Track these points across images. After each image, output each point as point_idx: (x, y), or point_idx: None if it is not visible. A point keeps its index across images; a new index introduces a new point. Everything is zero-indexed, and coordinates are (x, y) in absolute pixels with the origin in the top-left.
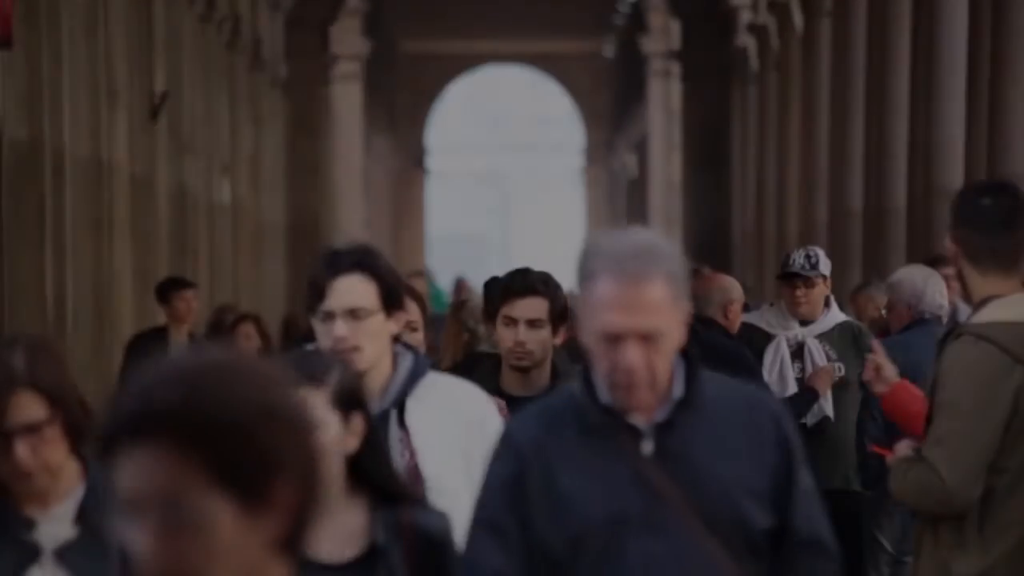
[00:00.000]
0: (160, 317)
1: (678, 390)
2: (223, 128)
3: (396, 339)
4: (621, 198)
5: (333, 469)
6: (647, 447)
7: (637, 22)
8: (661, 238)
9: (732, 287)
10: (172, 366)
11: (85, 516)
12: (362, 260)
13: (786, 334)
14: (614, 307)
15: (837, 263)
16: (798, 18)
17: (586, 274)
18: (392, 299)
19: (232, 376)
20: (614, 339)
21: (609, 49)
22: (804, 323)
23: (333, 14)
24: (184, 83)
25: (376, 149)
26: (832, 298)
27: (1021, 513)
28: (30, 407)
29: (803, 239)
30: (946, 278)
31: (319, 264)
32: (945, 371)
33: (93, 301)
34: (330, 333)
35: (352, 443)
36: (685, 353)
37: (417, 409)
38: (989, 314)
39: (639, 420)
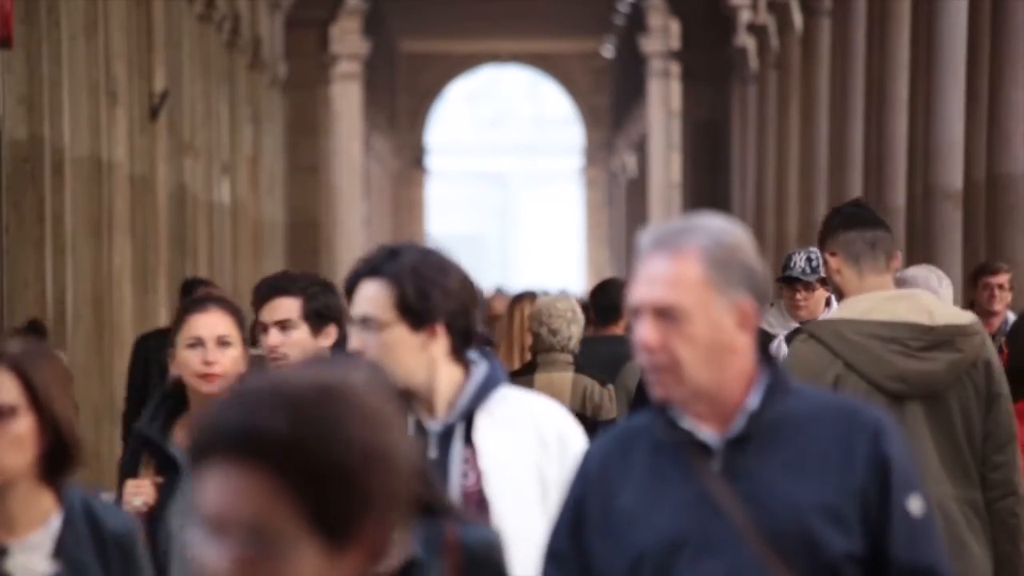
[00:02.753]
0: (160, 317)
1: (754, 402)
2: (223, 128)
3: (477, 345)
4: (621, 198)
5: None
6: (716, 464)
7: (637, 22)
8: (717, 222)
9: None
10: (281, 385)
11: (63, 551)
12: (383, 264)
13: (786, 334)
14: (639, 280)
15: None
16: (798, 18)
17: (635, 260)
18: (416, 309)
19: (342, 410)
20: (635, 314)
21: (609, 49)
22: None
23: (333, 14)
24: (184, 83)
25: (376, 149)
26: (833, 298)
27: None
28: (2, 387)
29: (802, 239)
30: (992, 287)
31: (353, 268)
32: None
33: (93, 301)
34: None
35: None
36: (769, 364)
37: (487, 425)
38: (833, 312)
39: (710, 435)
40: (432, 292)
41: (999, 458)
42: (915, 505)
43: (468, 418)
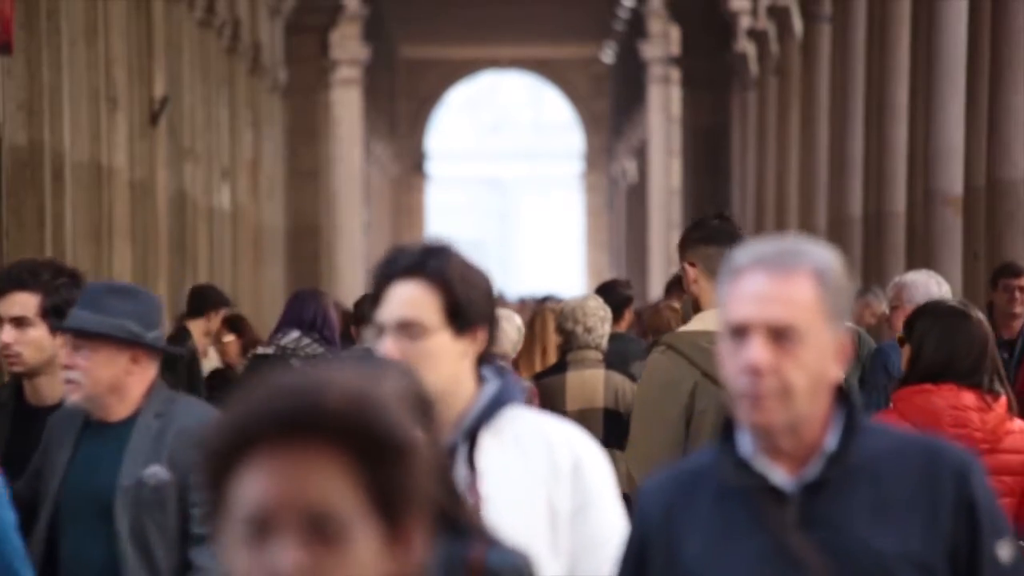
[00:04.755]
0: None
1: (832, 443)
2: (223, 133)
3: (486, 360)
4: (621, 204)
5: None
6: (792, 512)
7: (637, 28)
8: (821, 247)
9: None
10: (331, 375)
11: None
12: (426, 263)
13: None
14: (745, 297)
15: None
16: (798, 24)
17: (727, 278)
18: (463, 313)
19: (393, 400)
20: (741, 333)
21: (609, 55)
22: None
23: (333, 19)
24: (184, 88)
25: (376, 154)
26: None
27: None
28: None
29: None
30: (1013, 289)
31: (379, 266)
32: (639, 378)
33: None
34: (381, 349)
35: None
36: (845, 401)
37: (493, 446)
38: (691, 324)
39: (783, 479)
40: (477, 296)
41: None
42: (1004, 552)
43: (473, 438)
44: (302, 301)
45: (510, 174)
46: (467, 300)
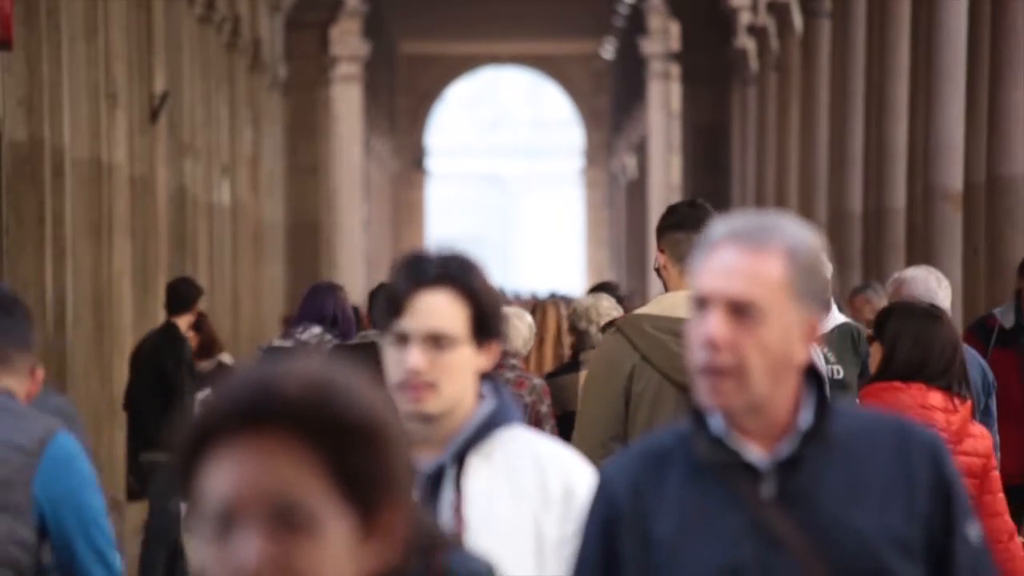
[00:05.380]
0: (160, 319)
1: (806, 420)
2: (223, 129)
3: (488, 376)
4: (621, 200)
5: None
6: (767, 489)
7: (637, 24)
8: (797, 225)
9: None
10: (290, 366)
11: None
12: (455, 273)
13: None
14: (711, 270)
15: (836, 265)
16: (798, 19)
17: (700, 250)
18: (486, 326)
19: (356, 384)
20: (702, 305)
21: (609, 51)
22: None
23: (333, 16)
24: (184, 84)
25: (376, 151)
26: (832, 300)
27: None
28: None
29: None
30: None
31: (400, 271)
32: (592, 357)
33: (93, 302)
34: (402, 362)
35: None
36: (816, 379)
37: (482, 469)
38: (646, 307)
39: (758, 456)
40: (497, 309)
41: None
42: (974, 531)
43: (461, 459)
44: (320, 295)
45: (510, 170)
46: (491, 313)
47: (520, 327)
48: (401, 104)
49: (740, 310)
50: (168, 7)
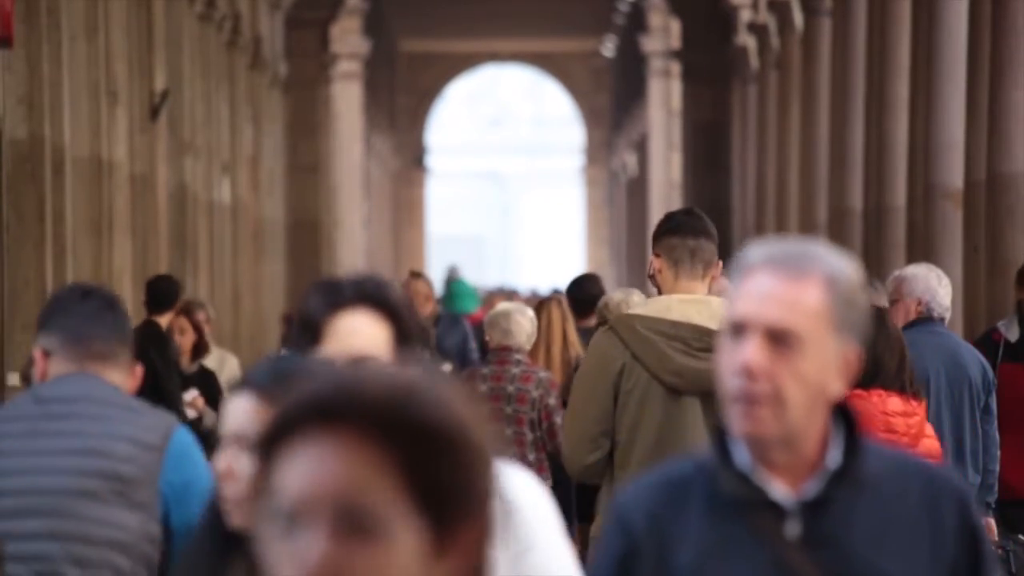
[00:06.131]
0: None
1: (834, 460)
2: (223, 127)
3: None
4: (621, 198)
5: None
6: (792, 529)
7: (637, 21)
8: (837, 255)
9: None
10: (376, 366)
11: None
12: (373, 293)
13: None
14: (748, 295)
15: None
16: (798, 17)
17: (736, 274)
18: (407, 347)
19: (442, 391)
20: (739, 331)
21: (609, 48)
22: None
23: (333, 13)
24: (184, 82)
25: (376, 149)
26: None
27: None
28: None
29: None
30: None
31: (314, 295)
32: (585, 354)
33: None
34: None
35: None
36: (846, 417)
37: None
38: (638, 308)
39: (783, 494)
40: (418, 328)
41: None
42: None
43: None
44: None
45: (510, 168)
46: (412, 330)
47: (523, 323)
48: (401, 102)
49: (778, 338)
50: (168, 5)
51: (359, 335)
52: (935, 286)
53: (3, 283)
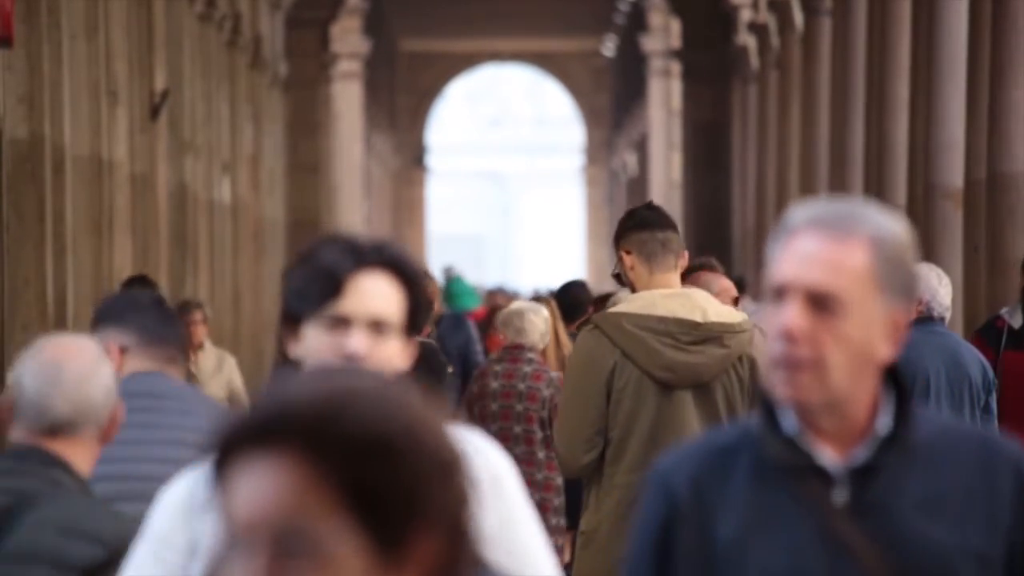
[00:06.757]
0: None
1: (884, 426)
2: (223, 127)
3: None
4: (621, 197)
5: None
6: (840, 496)
7: (637, 21)
8: (884, 215)
9: (711, 281)
10: (308, 380)
11: None
12: (395, 257)
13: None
14: (790, 258)
15: None
16: (798, 17)
17: (778, 237)
18: (418, 319)
19: (382, 395)
20: (781, 295)
21: (609, 48)
22: None
23: (333, 13)
24: (184, 82)
25: (376, 148)
26: None
27: (622, 477)
28: None
29: None
30: None
31: (333, 249)
32: (571, 354)
33: (93, 299)
34: (341, 345)
35: None
36: (896, 381)
37: None
38: (621, 306)
39: (831, 460)
40: (430, 304)
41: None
42: None
43: None
44: None
45: (510, 168)
46: (424, 304)
47: (536, 321)
48: (402, 101)
49: (819, 301)
50: (168, 5)
51: (380, 297)
52: (935, 286)
53: (3, 283)
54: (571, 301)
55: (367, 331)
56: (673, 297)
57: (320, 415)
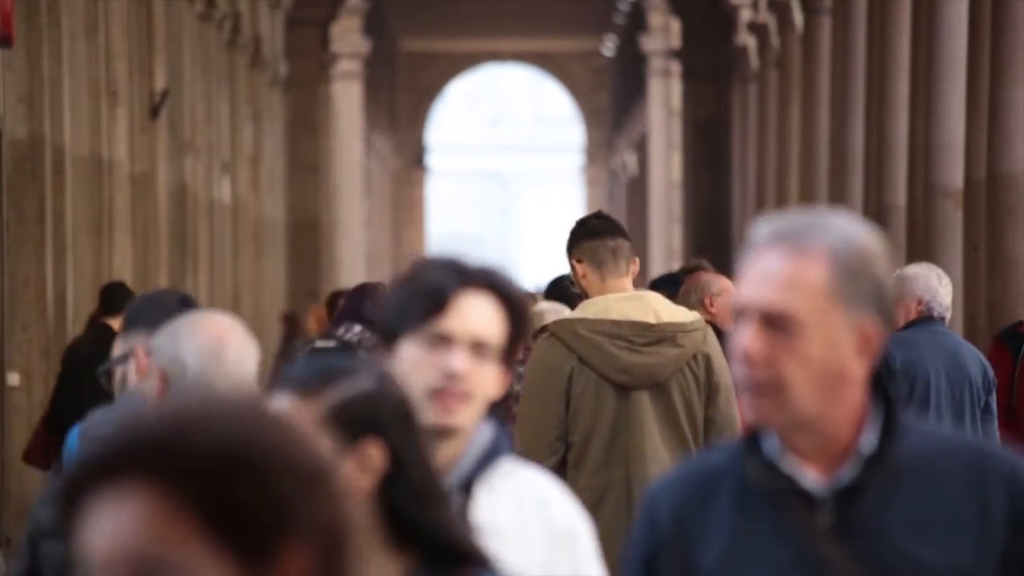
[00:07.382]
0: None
1: (869, 443)
2: (223, 127)
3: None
4: (621, 197)
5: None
6: (823, 518)
7: (637, 21)
8: (848, 222)
9: (711, 281)
10: (159, 405)
11: None
12: (500, 282)
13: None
14: (748, 277)
15: None
16: (798, 17)
17: (745, 254)
18: (517, 347)
19: (231, 410)
20: (739, 317)
21: (609, 48)
22: None
23: (333, 13)
24: (184, 82)
25: (376, 148)
26: None
27: (585, 480)
28: None
29: None
30: None
31: (437, 268)
32: (528, 362)
33: (93, 299)
34: (442, 364)
35: (363, 482)
36: (883, 396)
37: (489, 502)
38: (575, 312)
39: (814, 481)
40: (528, 333)
41: (719, 442)
42: None
43: (468, 489)
44: (363, 295)
45: (510, 167)
46: (523, 332)
47: None
48: (402, 101)
49: (775, 322)
50: (168, 5)
51: (483, 319)
52: (935, 285)
53: (3, 283)
54: (560, 295)
55: (468, 352)
56: (626, 300)
57: (166, 440)
